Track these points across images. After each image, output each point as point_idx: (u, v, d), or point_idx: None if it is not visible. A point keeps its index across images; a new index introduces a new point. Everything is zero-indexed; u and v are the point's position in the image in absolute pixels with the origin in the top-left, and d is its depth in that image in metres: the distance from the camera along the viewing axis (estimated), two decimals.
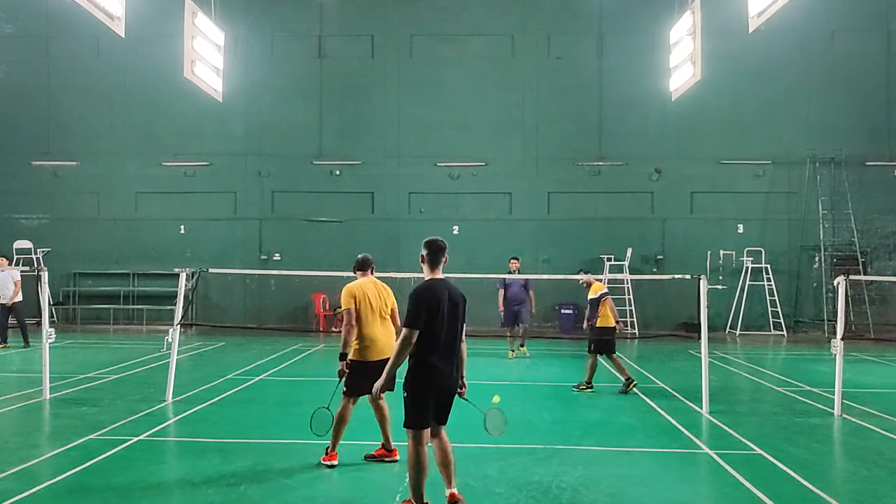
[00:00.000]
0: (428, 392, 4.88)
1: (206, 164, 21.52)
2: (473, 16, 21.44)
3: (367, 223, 21.06)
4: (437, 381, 4.88)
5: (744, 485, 5.83)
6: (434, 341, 4.84)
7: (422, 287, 4.93)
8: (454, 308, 4.96)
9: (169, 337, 9.44)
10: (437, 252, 5.10)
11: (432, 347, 4.84)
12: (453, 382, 5.00)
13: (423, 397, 4.88)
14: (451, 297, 4.96)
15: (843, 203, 20.24)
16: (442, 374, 4.88)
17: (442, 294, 4.91)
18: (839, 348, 8.74)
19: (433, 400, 4.90)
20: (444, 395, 4.96)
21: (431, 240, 5.14)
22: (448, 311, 4.89)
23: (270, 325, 20.17)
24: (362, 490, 5.69)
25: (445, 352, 4.90)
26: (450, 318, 4.91)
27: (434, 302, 4.85)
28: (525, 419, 8.41)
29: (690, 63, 14.01)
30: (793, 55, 20.64)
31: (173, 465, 6.52)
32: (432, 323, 4.82)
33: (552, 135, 21.09)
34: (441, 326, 4.85)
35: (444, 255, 5.12)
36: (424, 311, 4.81)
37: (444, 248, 5.15)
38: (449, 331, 4.91)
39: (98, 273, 21.39)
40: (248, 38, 21.32)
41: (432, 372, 4.85)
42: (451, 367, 4.95)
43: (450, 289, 5.01)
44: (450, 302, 4.93)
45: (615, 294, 20.07)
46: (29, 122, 21.74)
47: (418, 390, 4.88)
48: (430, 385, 4.87)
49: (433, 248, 5.09)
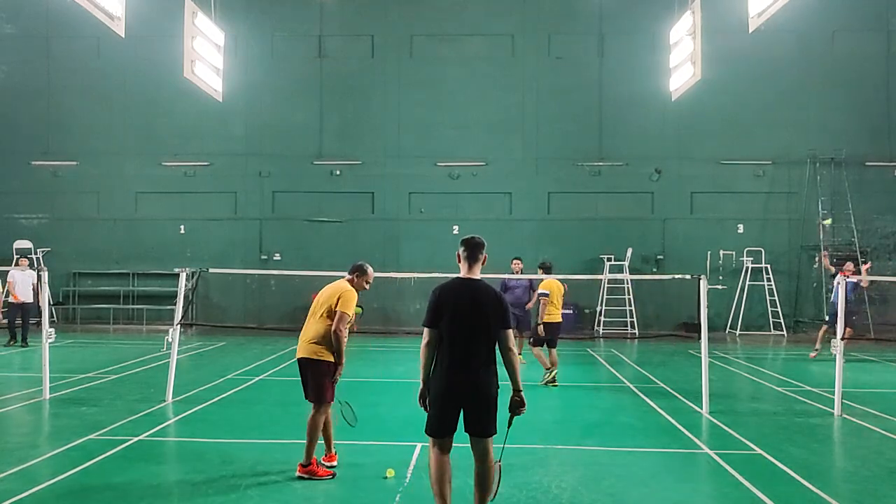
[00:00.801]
0: (435, 396, 4.61)
1: (206, 164, 21.52)
2: (473, 16, 21.44)
3: (367, 223, 21.06)
4: (442, 386, 4.57)
5: (744, 485, 5.83)
6: (445, 344, 4.60)
7: (438, 285, 4.76)
8: (474, 310, 4.58)
9: (169, 337, 9.44)
10: (470, 248, 4.81)
11: (443, 350, 4.60)
12: (468, 390, 4.55)
13: (432, 402, 4.64)
14: (473, 298, 4.61)
15: (843, 203, 20.24)
16: (448, 379, 4.56)
17: (455, 293, 4.64)
18: (839, 348, 8.74)
19: (439, 407, 4.58)
20: (452, 402, 4.56)
21: (466, 237, 4.90)
22: (464, 313, 4.57)
23: (270, 325, 20.15)
24: (362, 490, 5.69)
25: (458, 356, 4.56)
26: (465, 321, 4.56)
27: (442, 301, 4.63)
28: (525, 419, 8.38)
29: (690, 63, 14.01)
30: (793, 55, 20.64)
31: (173, 466, 6.52)
32: (439, 324, 4.60)
33: (552, 135, 21.09)
34: (451, 328, 4.57)
35: (479, 253, 4.82)
36: (431, 309, 4.63)
37: (477, 244, 4.83)
38: (464, 334, 4.57)
39: (98, 273, 21.40)
40: (248, 38, 21.32)
41: (439, 376, 4.61)
42: (464, 373, 4.54)
43: (474, 289, 4.67)
44: (470, 302, 4.59)
45: (615, 294, 20.11)
46: (29, 122, 21.74)
47: (430, 394, 4.66)
48: (437, 390, 4.60)
49: (465, 245, 4.83)
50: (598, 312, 20.18)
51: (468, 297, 4.63)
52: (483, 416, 4.55)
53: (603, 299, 20.10)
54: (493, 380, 4.62)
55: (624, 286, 19.76)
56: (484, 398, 4.55)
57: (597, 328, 20.04)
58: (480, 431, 4.56)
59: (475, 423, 4.55)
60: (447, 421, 4.57)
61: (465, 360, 4.56)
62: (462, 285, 4.73)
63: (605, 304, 20.07)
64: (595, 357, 14.70)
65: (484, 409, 4.55)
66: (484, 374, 4.57)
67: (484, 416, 4.55)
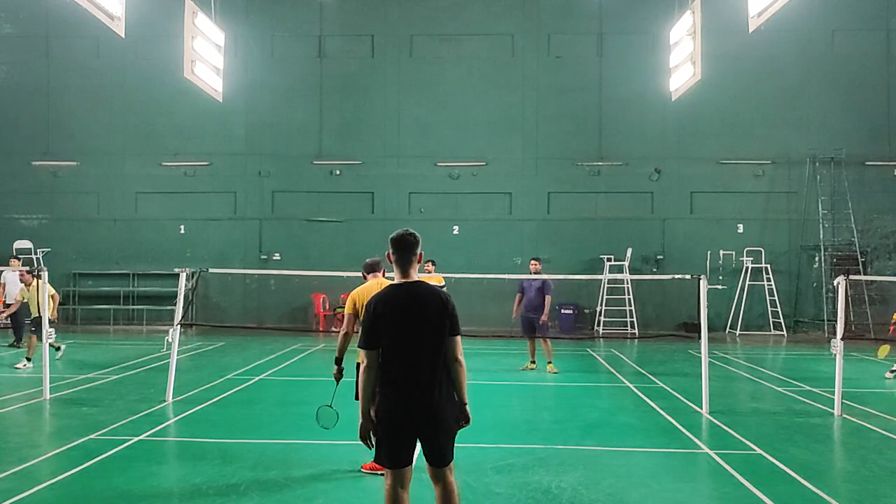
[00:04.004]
0: (385, 426, 3.88)
1: (206, 164, 21.53)
2: (473, 16, 21.45)
3: (367, 223, 21.06)
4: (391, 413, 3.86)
5: (744, 485, 5.83)
6: (388, 364, 3.89)
7: (371, 297, 4.02)
8: (418, 319, 3.87)
9: (169, 337, 9.44)
10: (401, 249, 4.01)
11: (387, 372, 3.89)
12: (422, 416, 3.84)
13: (383, 433, 3.90)
14: (415, 306, 3.89)
15: (843, 203, 20.24)
16: (397, 404, 3.85)
17: (393, 303, 3.91)
18: (839, 348, 8.74)
19: (393, 436, 3.87)
20: (406, 429, 3.86)
21: (395, 235, 4.06)
22: (406, 325, 3.86)
23: (270, 325, 20.16)
24: (362, 490, 5.68)
25: (405, 377, 3.84)
26: (409, 334, 3.86)
27: (379, 314, 3.89)
28: (525, 419, 8.41)
29: (690, 63, 14.02)
30: (793, 55, 20.65)
31: (173, 466, 6.51)
32: (379, 340, 3.88)
33: (552, 134, 21.09)
34: (393, 345, 3.87)
35: (413, 253, 4.02)
36: (367, 327, 3.92)
37: (409, 243, 4.02)
38: (409, 350, 3.86)
39: (98, 273, 21.40)
40: (248, 38, 21.33)
41: (386, 402, 3.89)
42: (414, 396, 3.82)
43: (414, 295, 3.93)
44: (412, 311, 3.88)
45: (615, 294, 20.11)
46: (29, 122, 21.75)
47: (379, 425, 3.92)
48: (385, 418, 3.88)
49: (394, 244, 4.03)
50: (598, 312, 20.18)
51: (410, 305, 3.89)
52: (442, 446, 3.91)
53: (603, 299, 20.10)
54: (449, 402, 3.93)
55: (624, 286, 19.76)
56: (442, 426, 3.88)
57: (597, 328, 20.04)
58: (440, 461, 3.93)
59: (434, 453, 3.91)
60: (403, 449, 3.89)
61: (414, 381, 3.83)
62: (399, 292, 3.96)
63: (605, 304, 20.07)
64: (595, 357, 14.70)
65: (443, 437, 3.90)
66: (438, 396, 3.85)
67: (444, 445, 3.92)
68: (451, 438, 3.97)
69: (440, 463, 3.93)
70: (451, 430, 3.96)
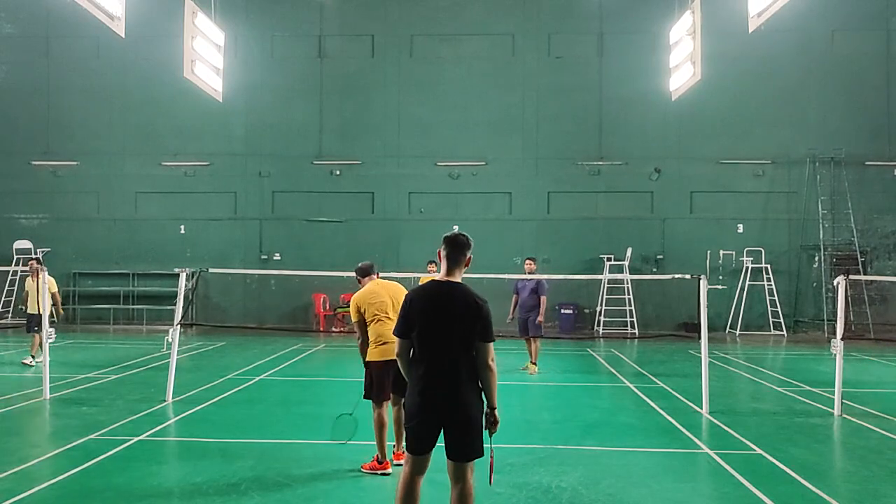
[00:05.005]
0: (410, 413, 4.13)
1: (206, 164, 21.53)
2: (473, 16, 21.45)
3: (367, 223, 21.06)
4: (417, 402, 4.07)
5: (744, 485, 5.83)
6: (417, 355, 4.12)
7: (411, 289, 4.32)
8: (449, 318, 4.04)
9: (169, 337, 9.44)
10: (452, 247, 4.24)
11: (416, 363, 4.13)
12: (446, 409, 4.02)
13: (408, 418, 4.16)
14: (449, 305, 4.06)
15: (843, 203, 20.24)
16: (423, 395, 4.05)
17: (429, 299, 4.12)
18: (839, 348, 8.74)
19: (417, 423, 4.08)
20: (430, 418, 4.05)
21: (450, 234, 4.37)
22: (437, 322, 4.05)
23: (270, 325, 20.17)
24: (363, 490, 5.68)
25: (432, 371, 4.05)
26: (439, 331, 4.04)
27: (414, 307, 4.12)
28: (525, 419, 8.41)
29: (690, 63, 14.02)
30: (793, 55, 20.65)
31: (173, 465, 6.51)
32: (410, 333, 4.12)
33: (552, 134, 21.09)
34: (423, 339, 4.07)
35: (463, 254, 4.24)
36: (402, 317, 4.18)
37: (462, 244, 4.25)
38: (437, 346, 4.05)
39: (98, 273, 21.40)
40: (248, 38, 21.33)
41: (413, 391, 4.14)
42: (439, 389, 4.02)
43: (451, 295, 4.10)
44: (445, 310, 4.06)
45: (615, 294, 20.10)
46: (29, 122, 21.75)
47: (406, 410, 4.21)
48: (411, 406, 4.13)
49: (448, 243, 4.27)
50: (598, 312, 20.19)
51: (443, 303, 4.08)
52: (463, 439, 4.02)
53: (603, 299, 20.10)
54: (474, 398, 4.07)
55: (624, 286, 19.76)
56: (464, 419, 4.01)
57: (597, 328, 20.04)
58: (460, 455, 4.03)
59: (455, 446, 4.03)
60: (425, 437, 4.07)
61: (439, 376, 4.03)
62: (438, 289, 4.14)
63: (605, 304, 20.07)
64: (595, 357, 14.70)
65: (464, 430, 4.02)
66: (465, 391, 4.02)
67: (464, 438, 4.02)
68: (475, 436, 4.06)
69: (458, 457, 4.04)
70: (473, 427, 4.06)
